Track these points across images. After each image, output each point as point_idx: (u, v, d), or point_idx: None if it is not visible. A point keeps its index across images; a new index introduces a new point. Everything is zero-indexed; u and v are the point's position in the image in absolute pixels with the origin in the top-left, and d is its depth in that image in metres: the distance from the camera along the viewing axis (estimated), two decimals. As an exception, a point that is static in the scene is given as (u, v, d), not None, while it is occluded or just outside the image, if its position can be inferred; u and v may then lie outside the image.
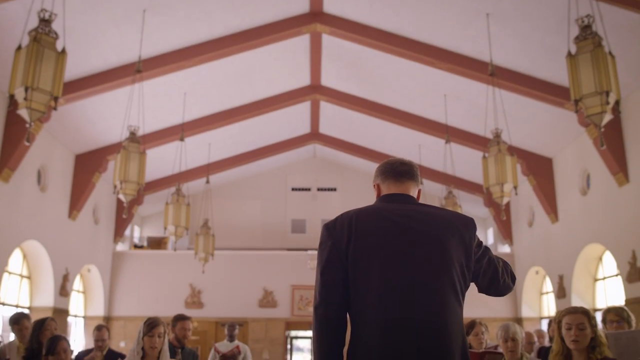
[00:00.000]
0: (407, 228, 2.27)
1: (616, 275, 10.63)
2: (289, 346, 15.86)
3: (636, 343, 3.24)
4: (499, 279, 2.43)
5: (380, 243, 2.25)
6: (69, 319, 12.90)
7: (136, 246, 16.88)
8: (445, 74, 10.35)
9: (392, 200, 2.41)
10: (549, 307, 14.09)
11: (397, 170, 2.47)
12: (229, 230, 16.73)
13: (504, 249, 16.01)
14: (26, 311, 11.35)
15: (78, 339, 13.81)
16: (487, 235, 17.53)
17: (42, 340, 5.00)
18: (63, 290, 12.13)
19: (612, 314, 3.89)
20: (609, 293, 11.11)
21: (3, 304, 10.19)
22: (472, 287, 2.43)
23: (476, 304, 14.05)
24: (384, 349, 2.14)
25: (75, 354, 6.57)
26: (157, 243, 16.57)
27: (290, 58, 11.54)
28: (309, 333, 15.68)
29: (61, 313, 11.89)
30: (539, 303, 14.80)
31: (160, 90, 11.00)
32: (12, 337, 6.00)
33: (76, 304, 14.01)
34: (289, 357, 15.86)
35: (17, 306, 11.01)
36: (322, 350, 2.24)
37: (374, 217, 2.33)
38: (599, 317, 4.22)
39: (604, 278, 11.39)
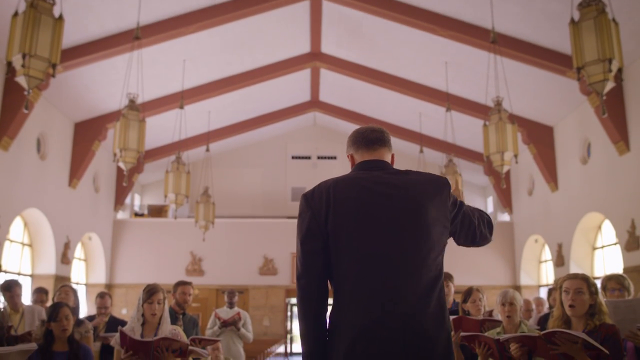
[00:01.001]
0: (384, 195, 2.27)
1: (615, 243, 10.68)
2: (289, 313, 16.02)
3: (634, 312, 3.25)
4: (475, 232, 2.48)
5: (358, 212, 2.26)
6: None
7: (137, 214, 16.94)
8: (447, 41, 10.25)
9: (368, 167, 2.40)
10: (548, 275, 14.18)
11: (369, 138, 2.46)
12: (229, 198, 16.75)
13: (503, 218, 16.06)
14: (27, 279, 11.46)
15: (80, 306, 13.90)
16: (487, 204, 17.56)
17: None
18: (64, 258, 12.21)
19: (613, 281, 3.88)
20: (608, 261, 11.18)
21: (5, 271, 10.25)
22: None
23: (474, 273, 14.22)
24: (365, 319, 2.16)
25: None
26: (157, 211, 16.63)
27: (291, 25, 11.41)
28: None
29: (62, 280, 11.95)
30: (538, 271, 14.90)
31: (159, 57, 10.90)
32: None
33: (78, 272, 14.10)
34: (289, 324, 16.03)
35: (19, 274, 11.09)
36: (306, 319, 2.26)
37: (351, 185, 2.32)
38: (598, 284, 4.23)
39: (603, 247, 11.45)
